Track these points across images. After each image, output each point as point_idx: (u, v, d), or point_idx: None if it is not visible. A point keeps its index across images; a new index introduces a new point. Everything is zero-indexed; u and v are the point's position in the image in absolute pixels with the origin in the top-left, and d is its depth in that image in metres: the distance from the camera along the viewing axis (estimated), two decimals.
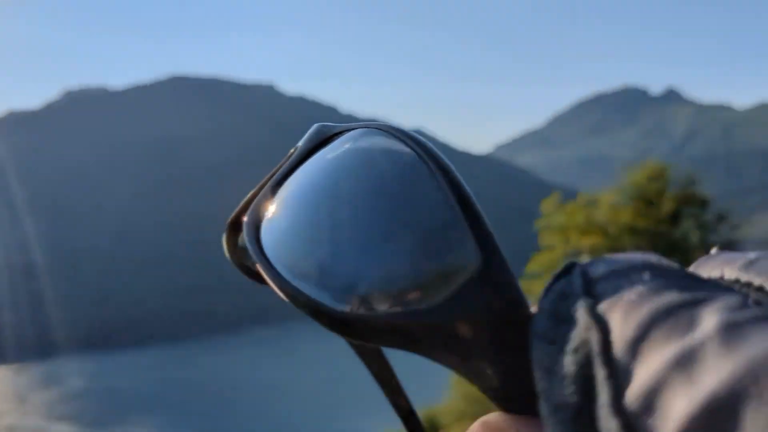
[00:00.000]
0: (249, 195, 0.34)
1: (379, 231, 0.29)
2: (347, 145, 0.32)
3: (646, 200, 12.15)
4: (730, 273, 0.23)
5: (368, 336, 0.28)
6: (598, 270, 0.22)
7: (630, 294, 0.20)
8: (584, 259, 0.24)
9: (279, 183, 0.33)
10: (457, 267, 0.26)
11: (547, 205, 13.11)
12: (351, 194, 0.30)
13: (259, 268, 0.30)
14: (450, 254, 0.27)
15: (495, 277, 0.26)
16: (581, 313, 0.21)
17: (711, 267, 0.24)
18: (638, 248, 11.71)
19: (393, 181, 0.30)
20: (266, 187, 0.33)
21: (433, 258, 0.27)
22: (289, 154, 0.35)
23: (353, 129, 0.33)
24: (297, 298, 0.28)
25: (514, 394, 0.27)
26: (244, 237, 0.32)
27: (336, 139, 0.33)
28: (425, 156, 0.29)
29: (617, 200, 12.55)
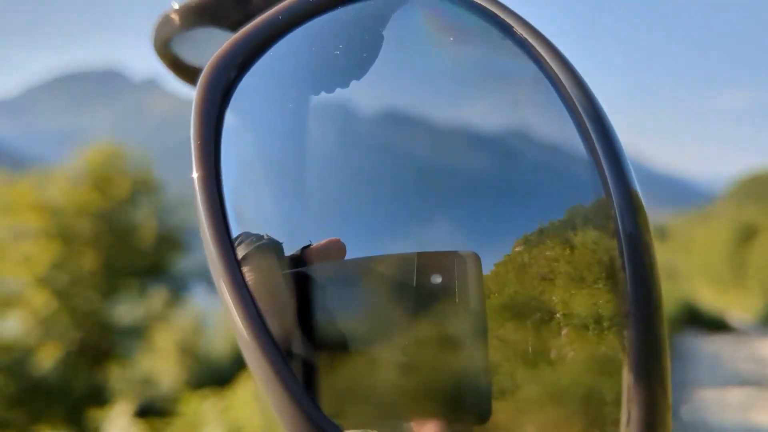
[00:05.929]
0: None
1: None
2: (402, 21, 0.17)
3: (102, 181, 11.94)
4: None
5: None
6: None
7: None
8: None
9: (280, 32, 0.19)
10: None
11: None
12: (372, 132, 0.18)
13: (195, 164, 0.18)
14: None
15: None
16: None
17: None
18: (96, 230, 11.59)
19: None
20: (260, 25, 0.19)
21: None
22: None
23: None
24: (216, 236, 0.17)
25: None
26: (202, 79, 0.19)
27: None
28: (573, 90, 0.13)
29: (73, 179, 12.01)
